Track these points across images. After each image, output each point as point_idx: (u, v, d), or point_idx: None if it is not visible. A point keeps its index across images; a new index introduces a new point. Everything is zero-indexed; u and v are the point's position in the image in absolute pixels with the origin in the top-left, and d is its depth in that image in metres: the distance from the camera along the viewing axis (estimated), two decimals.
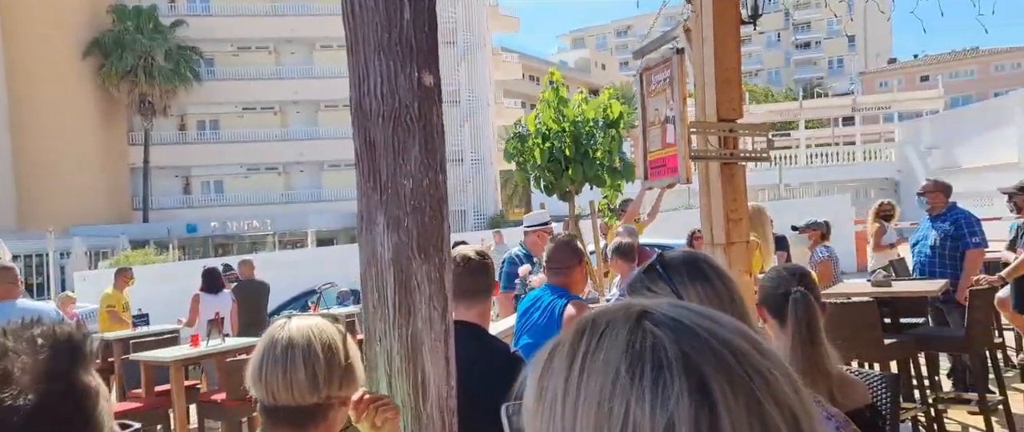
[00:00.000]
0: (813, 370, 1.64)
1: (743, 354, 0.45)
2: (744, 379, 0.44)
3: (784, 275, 1.79)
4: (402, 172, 1.45)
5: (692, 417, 0.42)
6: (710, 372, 0.43)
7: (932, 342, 4.55)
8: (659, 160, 4.45)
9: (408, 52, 1.43)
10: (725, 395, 0.43)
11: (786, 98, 44.92)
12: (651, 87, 4.54)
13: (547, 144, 7.54)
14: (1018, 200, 4.74)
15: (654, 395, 0.43)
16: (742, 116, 3.86)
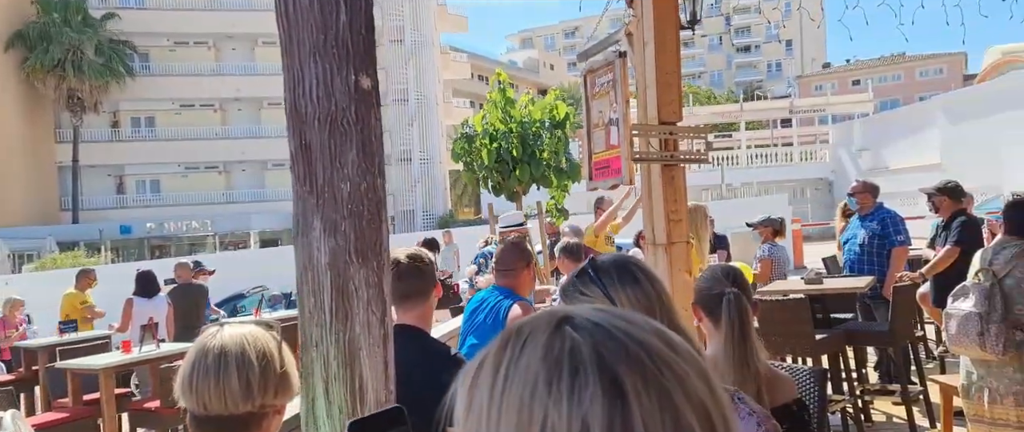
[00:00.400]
0: (743, 367, 1.70)
1: (657, 353, 0.46)
2: (657, 377, 0.45)
3: (718, 276, 1.85)
4: (339, 176, 1.43)
5: (605, 416, 0.43)
6: (624, 371, 0.44)
7: (859, 336, 4.77)
8: (603, 161, 4.52)
9: (344, 55, 1.41)
10: (638, 393, 0.44)
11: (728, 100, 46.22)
12: (595, 89, 4.61)
13: (494, 144, 7.55)
14: (936, 200, 5.01)
15: (570, 397, 0.44)
16: (682, 119, 3.95)
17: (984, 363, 2.73)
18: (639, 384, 0.44)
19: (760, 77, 68.31)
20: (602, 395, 0.43)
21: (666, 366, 0.46)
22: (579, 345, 0.46)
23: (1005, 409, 2.67)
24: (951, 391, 2.96)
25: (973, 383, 2.78)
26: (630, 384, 0.44)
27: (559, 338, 0.47)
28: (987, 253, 2.82)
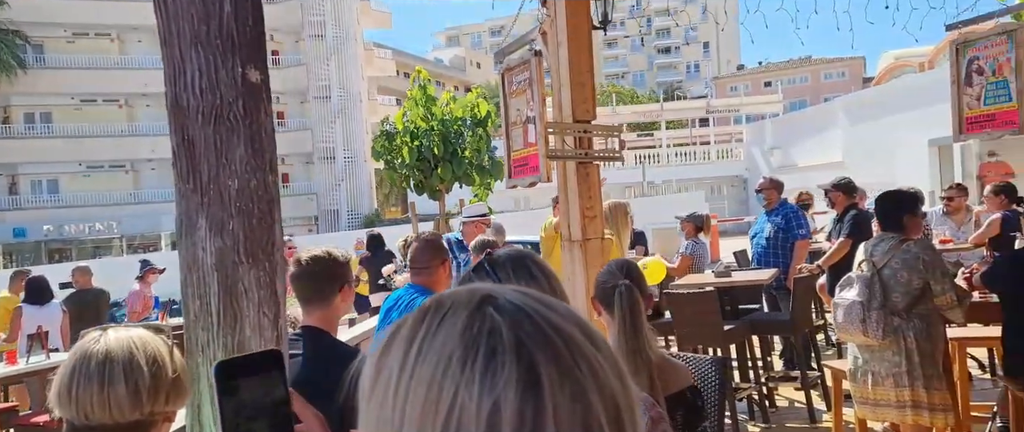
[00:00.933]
0: (635, 357, 1.75)
1: (577, 344, 0.46)
2: (573, 369, 0.44)
3: (612, 270, 1.90)
4: (226, 172, 1.38)
5: (518, 402, 0.42)
6: (541, 360, 0.44)
7: (763, 326, 5.01)
8: (522, 159, 4.56)
9: (229, 46, 1.36)
10: (553, 383, 0.43)
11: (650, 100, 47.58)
12: (513, 87, 4.64)
13: (416, 142, 7.47)
14: (832, 195, 5.33)
15: (483, 380, 0.43)
16: (595, 117, 4.04)
17: (868, 348, 2.92)
18: (554, 374, 0.44)
19: (680, 78, 70.68)
20: (517, 382, 0.43)
21: (583, 358, 0.45)
22: (499, 327, 0.45)
23: (885, 390, 2.87)
24: (840, 375, 3.16)
25: (858, 367, 2.97)
26: (546, 374, 0.43)
27: (479, 317, 0.46)
28: (868, 246, 3.02)
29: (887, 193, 3.13)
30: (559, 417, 0.42)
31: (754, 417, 4.71)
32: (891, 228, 2.96)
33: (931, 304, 2.88)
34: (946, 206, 5.86)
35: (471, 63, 61.18)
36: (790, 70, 56.71)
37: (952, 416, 2.86)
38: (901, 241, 2.93)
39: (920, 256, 2.87)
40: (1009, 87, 4.52)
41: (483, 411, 0.42)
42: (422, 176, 7.20)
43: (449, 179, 7.15)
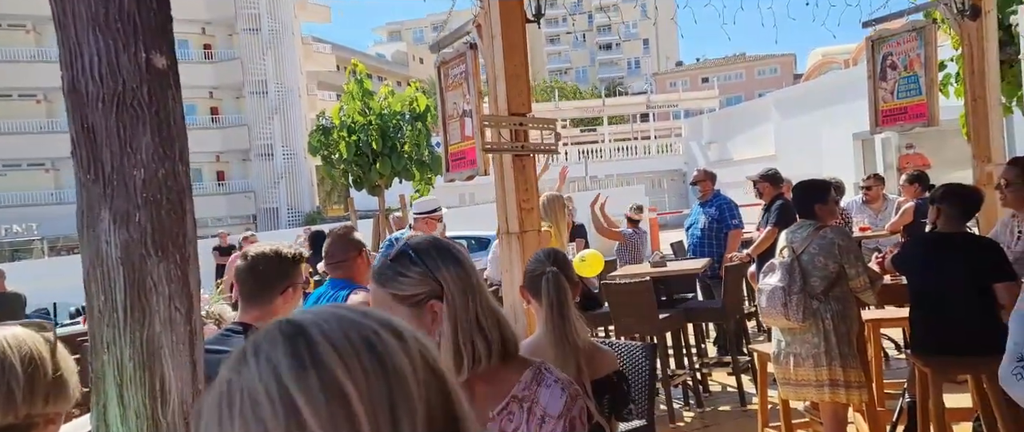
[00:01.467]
0: (563, 343, 1.78)
1: (380, 339, 0.52)
2: (335, 309, 0.53)
3: (540, 257, 1.92)
4: (131, 162, 1.32)
5: (287, 348, 0.49)
6: (303, 322, 0.51)
7: (697, 313, 5.16)
8: (459, 152, 4.54)
9: (131, 30, 1.30)
10: (317, 325, 0.51)
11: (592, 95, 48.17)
12: (449, 80, 4.62)
13: (353, 137, 7.33)
14: (759, 186, 5.53)
15: (255, 357, 0.50)
16: (531, 110, 4.06)
17: (789, 331, 3.05)
18: (317, 319, 0.51)
19: (621, 74, 71.79)
20: (282, 341, 0.50)
21: (343, 307, 0.53)
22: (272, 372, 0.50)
23: (806, 371, 3.00)
24: (765, 358, 3.28)
25: (781, 350, 3.09)
26: (310, 324, 0.51)
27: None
28: (789, 233, 3.15)
29: (800, 183, 3.27)
30: (332, 338, 0.50)
31: (688, 402, 4.85)
32: (805, 215, 3.09)
33: (846, 287, 3.02)
34: (864, 195, 6.17)
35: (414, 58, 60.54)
36: (726, 67, 58.49)
37: (866, 393, 3.02)
38: (818, 228, 3.06)
39: (835, 241, 3.01)
40: (919, 81, 4.78)
41: (264, 370, 0.49)
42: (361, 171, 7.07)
43: (388, 174, 7.05)
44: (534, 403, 1.17)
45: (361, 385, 0.48)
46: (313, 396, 0.47)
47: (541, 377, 1.19)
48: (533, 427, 1.15)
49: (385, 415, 0.48)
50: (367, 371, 0.49)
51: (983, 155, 4.55)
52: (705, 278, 5.84)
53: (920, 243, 3.13)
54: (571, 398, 1.16)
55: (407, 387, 0.50)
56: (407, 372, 0.50)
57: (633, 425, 2.64)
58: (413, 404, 0.50)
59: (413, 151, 7.29)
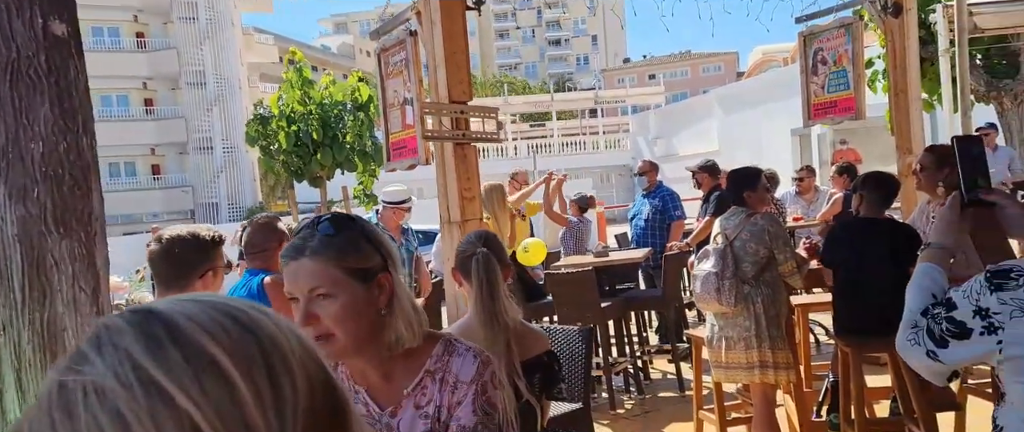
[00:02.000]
0: (493, 324, 1.78)
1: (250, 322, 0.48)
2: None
3: (471, 239, 1.91)
4: (28, 134, 1.25)
5: (140, 335, 0.43)
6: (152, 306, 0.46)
7: (637, 302, 5.26)
8: (400, 141, 4.49)
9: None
10: (172, 304, 0.45)
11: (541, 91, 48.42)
12: (389, 68, 4.56)
13: (293, 127, 7.15)
14: (698, 177, 5.66)
15: (96, 350, 0.43)
16: (472, 98, 4.04)
17: (722, 315, 3.13)
18: (173, 301, 0.46)
19: (571, 70, 72.36)
20: (129, 328, 0.43)
21: (256, 323, 0.47)
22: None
23: (737, 353, 3.08)
24: (700, 343, 3.36)
25: (714, 334, 3.17)
26: (161, 306, 0.45)
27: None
28: (722, 220, 3.23)
29: (732, 172, 3.36)
30: (192, 313, 0.45)
31: (629, 390, 4.93)
32: (737, 203, 3.17)
33: (776, 272, 3.12)
34: (797, 186, 6.40)
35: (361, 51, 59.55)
36: (672, 64, 59.70)
37: (794, 374, 3.13)
38: (749, 215, 3.15)
39: (766, 228, 3.10)
40: (848, 76, 4.97)
41: (113, 362, 0.42)
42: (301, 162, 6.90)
43: (330, 165, 6.90)
44: (446, 373, 1.17)
45: (230, 348, 0.43)
46: (178, 370, 0.41)
47: (452, 348, 1.19)
48: (446, 396, 1.15)
49: (262, 374, 0.43)
50: (235, 337, 0.44)
51: (905, 147, 4.78)
52: (647, 268, 5.95)
53: (844, 228, 3.26)
54: (483, 364, 1.17)
55: (282, 350, 0.45)
56: (280, 338, 0.46)
57: (569, 408, 2.67)
58: (292, 367, 0.45)
59: (355, 141, 7.15)
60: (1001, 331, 1.06)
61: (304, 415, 0.45)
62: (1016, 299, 1.05)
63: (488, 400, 1.16)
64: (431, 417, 1.15)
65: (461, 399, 1.15)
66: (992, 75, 6.84)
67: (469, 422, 1.14)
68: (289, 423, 0.43)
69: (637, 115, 34.55)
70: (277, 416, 0.43)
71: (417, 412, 1.16)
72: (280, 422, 0.43)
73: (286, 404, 0.44)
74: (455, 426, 1.14)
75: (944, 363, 1.17)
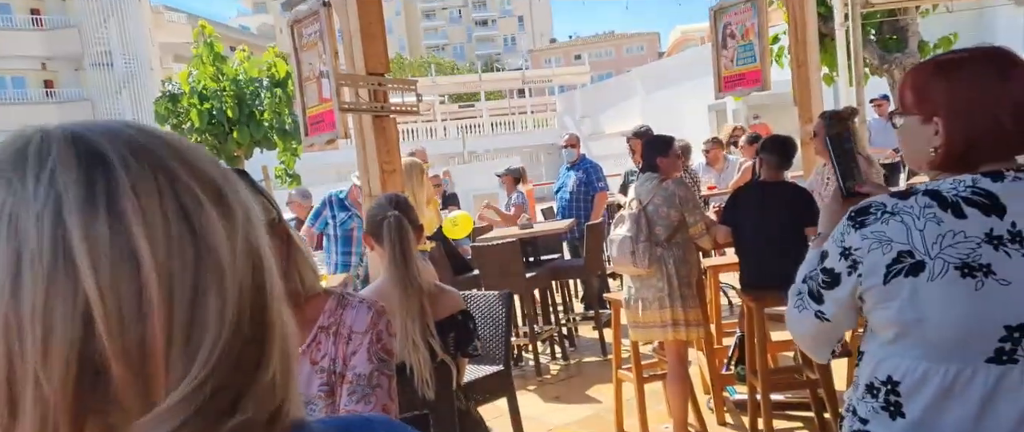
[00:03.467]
0: (406, 286, 1.80)
1: (159, 136, 0.43)
2: (151, 149, 0.42)
3: (382, 202, 1.92)
4: None
5: (81, 177, 0.38)
6: (106, 143, 0.41)
7: (561, 271, 5.38)
8: (318, 116, 4.39)
9: None
10: (124, 159, 0.40)
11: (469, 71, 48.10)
12: (303, 41, 4.43)
13: (206, 105, 6.84)
14: (632, 143, 5.80)
15: (36, 169, 0.39)
16: (389, 70, 4.00)
17: (638, 278, 3.26)
18: (126, 152, 0.40)
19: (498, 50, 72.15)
20: (77, 166, 0.39)
21: (168, 147, 0.43)
22: (49, 131, 0.41)
23: (652, 313, 3.22)
24: (618, 305, 3.49)
25: (631, 296, 3.30)
26: (114, 152, 0.40)
27: (24, 135, 0.42)
28: (636, 185, 3.35)
29: (646, 140, 3.48)
30: (138, 185, 0.40)
31: (555, 356, 5.06)
32: (650, 169, 3.29)
33: (686, 234, 3.26)
34: (706, 157, 6.68)
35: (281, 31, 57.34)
36: (597, 44, 60.57)
37: (704, 330, 3.30)
38: (661, 180, 3.28)
39: (676, 193, 3.24)
40: (754, 49, 5.20)
41: (42, 194, 0.38)
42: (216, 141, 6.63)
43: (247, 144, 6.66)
44: (341, 326, 1.18)
45: (160, 253, 0.39)
46: (96, 248, 0.37)
47: (345, 301, 1.21)
48: (341, 348, 1.17)
49: (185, 296, 0.39)
50: (173, 239, 0.39)
51: (806, 116, 5.05)
52: (572, 239, 6.08)
53: (747, 190, 3.44)
54: (376, 314, 1.19)
55: (220, 267, 0.41)
56: (223, 252, 0.41)
57: (490, 370, 2.73)
58: (224, 290, 0.40)
59: (274, 119, 6.92)
60: (861, 265, 1.11)
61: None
62: (875, 232, 1.10)
63: (383, 347, 1.19)
64: (327, 370, 1.17)
65: (355, 349, 1.17)
66: (884, 49, 7.31)
67: (364, 369, 1.16)
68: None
69: (564, 95, 34.91)
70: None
71: (313, 368, 1.18)
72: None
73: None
74: (351, 374, 1.16)
75: (830, 320, 1.18)
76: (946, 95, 1.11)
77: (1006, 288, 1.03)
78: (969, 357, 1.06)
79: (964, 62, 1.14)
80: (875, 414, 1.14)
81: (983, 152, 1.10)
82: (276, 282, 0.45)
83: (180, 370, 0.39)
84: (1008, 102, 1.07)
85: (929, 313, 1.06)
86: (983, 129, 1.08)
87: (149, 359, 0.38)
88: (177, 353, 0.39)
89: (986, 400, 1.05)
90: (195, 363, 0.39)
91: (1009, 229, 1.04)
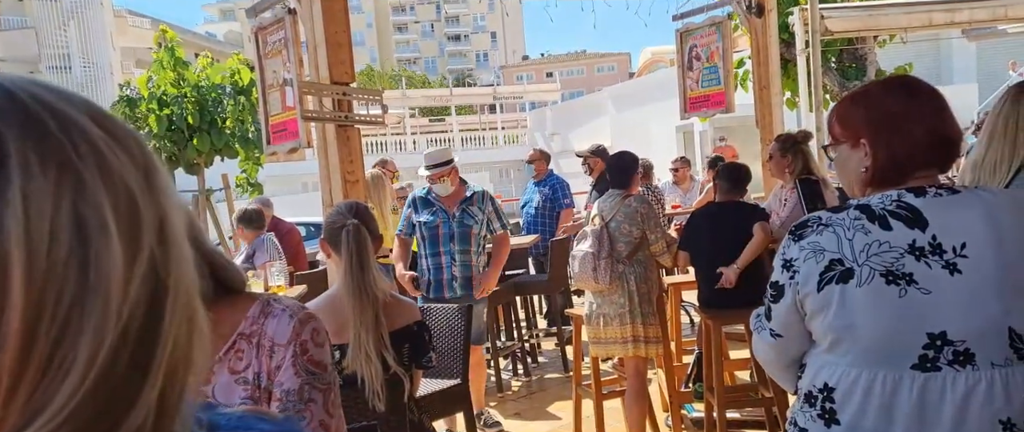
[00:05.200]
0: (361, 295, 1.77)
1: (78, 126, 0.37)
2: (63, 147, 0.36)
3: (341, 210, 1.89)
4: None
5: None
6: (10, 133, 0.35)
7: (526, 287, 5.37)
8: (281, 124, 4.33)
9: None
10: (25, 158, 0.34)
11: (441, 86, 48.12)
12: (268, 48, 4.38)
13: (165, 111, 6.70)
14: (591, 162, 5.85)
15: None
16: (355, 80, 3.97)
17: (599, 294, 3.26)
18: (29, 150, 0.35)
19: (470, 66, 72.42)
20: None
21: (85, 142, 0.37)
22: None
23: (613, 329, 3.23)
24: (580, 321, 3.48)
25: (593, 312, 3.30)
26: (16, 148, 0.34)
27: None
28: (599, 202, 3.37)
29: (611, 156, 3.52)
30: (32, 195, 0.34)
31: (516, 372, 5.03)
32: (620, 185, 3.32)
33: (647, 251, 3.28)
34: (673, 176, 6.77)
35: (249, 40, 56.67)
36: (569, 62, 61.28)
37: (663, 348, 3.31)
38: (624, 197, 3.30)
39: (638, 210, 3.26)
40: (718, 72, 5.30)
41: None
42: (175, 148, 6.47)
43: (207, 151, 6.51)
44: (262, 336, 1.12)
45: (36, 279, 0.34)
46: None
47: (269, 309, 1.14)
48: (264, 361, 1.10)
49: (52, 332, 0.34)
50: (56, 264, 0.34)
51: (768, 138, 5.16)
52: (537, 254, 6.08)
53: (702, 213, 3.51)
54: (300, 322, 1.12)
55: (106, 301, 0.35)
56: (114, 283, 0.36)
57: (448, 383, 2.69)
58: (104, 327, 0.35)
59: (236, 127, 6.80)
60: (798, 274, 1.16)
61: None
62: (811, 242, 1.16)
63: (310, 359, 1.12)
64: (251, 383, 1.11)
65: (280, 363, 1.10)
66: (844, 77, 7.54)
67: (293, 385, 1.10)
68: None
69: (534, 111, 35.14)
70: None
71: (233, 377, 1.11)
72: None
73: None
74: (279, 391, 1.09)
75: (782, 336, 1.21)
76: (865, 118, 1.20)
77: (927, 297, 1.08)
78: (895, 363, 1.10)
79: (871, 90, 1.26)
80: (812, 422, 1.17)
81: (906, 165, 1.17)
82: (182, 304, 0.39)
83: (26, 415, 0.33)
84: (917, 115, 1.16)
85: (858, 319, 1.10)
86: (901, 143, 1.16)
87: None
88: (24, 394, 0.33)
89: (913, 406, 1.09)
90: (48, 409, 0.33)
91: (930, 241, 1.10)
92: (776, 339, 1.23)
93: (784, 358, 1.26)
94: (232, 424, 0.43)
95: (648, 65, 28.42)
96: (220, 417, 0.44)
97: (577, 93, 46.78)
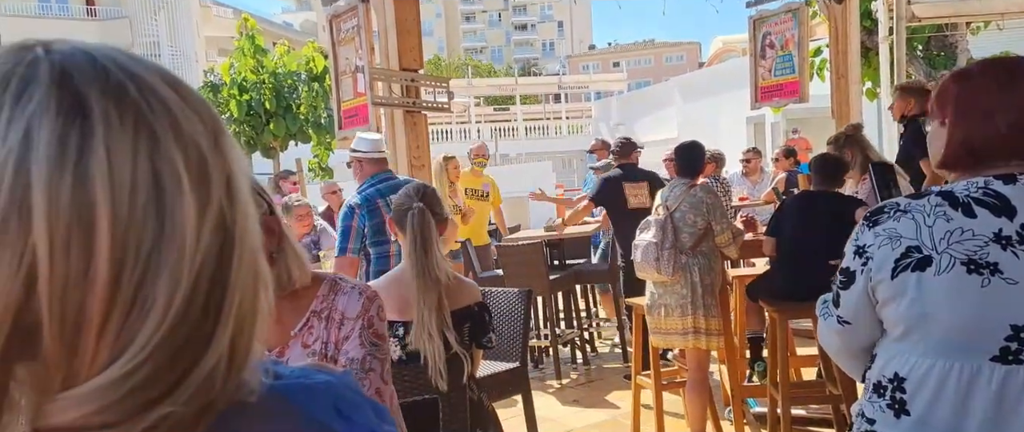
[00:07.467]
0: (425, 276, 1.82)
1: (149, 85, 0.40)
2: (139, 106, 0.38)
3: (409, 193, 1.95)
4: None
5: (58, 129, 0.36)
6: (93, 94, 0.37)
7: (586, 275, 5.36)
8: (352, 109, 4.47)
9: None
10: (106, 114, 0.37)
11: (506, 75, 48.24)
12: (341, 35, 4.52)
13: (245, 96, 7.01)
14: (598, 152, 5.76)
15: (13, 107, 0.36)
16: (423, 66, 4.06)
17: (661, 284, 3.23)
18: (111, 107, 0.37)
19: (536, 55, 72.20)
20: (56, 110, 0.36)
21: (157, 100, 0.39)
22: (39, 61, 0.38)
23: (674, 320, 3.19)
24: (640, 310, 3.46)
25: (654, 302, 3.27)
26: (98, 105, 0.37)
27: (18, 56, 0.39)
28: (664, 191, 3.33)
29: (679, 146, 3.48)
30: (114, 146, 0.37)
31: (575, 361, 5.04)
32: (690, 174, 3.28)
33: (712, 242, 3.23)
34: (744, 167, 6.58)
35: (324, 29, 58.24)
36: (636, 52, 60.27)
37: (723, 340, 3.26)
38: (689, 187, 3.25)
39: (704, 200, 3.21)
40: (793, 60, 5.11)
41: (11, 139, 0.36)
42: (253, 132, 6.79)
43: (283, 136, 6.80)
44: (333, 311, 1.22)
45: (120, 224, 0.36)
46: (56, 205, 0.35)
47: (338, 287, 1.25)
48: (333, 332, 1.20)
49: (135, 273, 0.36)
50: (137, 210, 0.37)
51: None
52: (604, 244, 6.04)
53: (793, 200, 3.40)
54: (368, 299, 1.23)
55: (181, 248, 0.38)
56: (188, 232, 0.38)
57: (507, 366, 2.73)
58: (179, 272, 0.38)
59: (309, 113, 7.05)
60: (871, 261, 1.13)
61: None
62: (887, 229, 1.12)
63: (375, 332, 1.22)
64: (318, 353, 1.20)
65: (348, 334, 1.20)
66: (931, 66, 7.12)
67: (357, 354, 1.19)
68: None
69: (600, 101, 34.78)
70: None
71: (305, 351, 1.21)
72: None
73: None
74: (344, 359, 1.19)
75: (850, 323, 1.19)
76: (954, 99, 1.16)
77: (1013, 287, 1.04)
78: (974, 355, 1.06)
79: (973, 71, 1.21)
80: (881, 412, 1.14)
81: (982, 152, 1.12)
82: (248, 257, 0.42)
83: (114, 351, 0.36)
84: (1008, 105, 1.11)
85: (935, 308, 1.07)
86: (977, 131, 1.12)
87: (83, 331, 0.36)
88: (113, 332, 0.36)
89: (991, 399, 1.05)
90: (132, 345, 0.36)
91: (1018, 231, 1.06)
92: (844, 326, 1.21)
93: (852, 346, 1.23)
94: (295, 373, 0.46)
95: (719, 54, 27.64)
96: (284, 368, 0.48)
97: (644, 83, 45.97)
